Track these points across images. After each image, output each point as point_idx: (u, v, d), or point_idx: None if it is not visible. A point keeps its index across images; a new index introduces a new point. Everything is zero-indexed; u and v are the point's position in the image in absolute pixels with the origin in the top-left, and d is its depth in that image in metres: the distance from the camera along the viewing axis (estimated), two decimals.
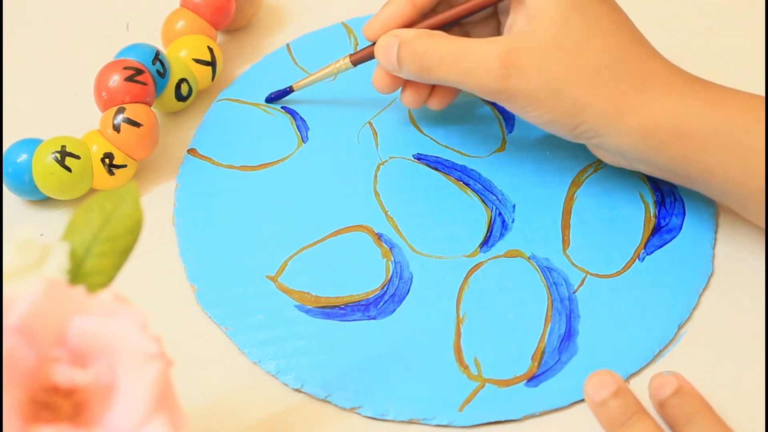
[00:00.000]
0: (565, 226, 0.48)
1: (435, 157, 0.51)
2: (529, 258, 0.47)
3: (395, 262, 0.47)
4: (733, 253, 0.47)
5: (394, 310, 0.45)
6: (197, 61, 0.52)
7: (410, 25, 0.47)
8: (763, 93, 0.44)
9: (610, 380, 0.41)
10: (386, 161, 0.51)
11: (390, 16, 0.47)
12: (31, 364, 0.28)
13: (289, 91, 0.53)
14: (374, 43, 0.47)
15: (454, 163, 0.51)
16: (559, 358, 0.43)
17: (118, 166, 0.48)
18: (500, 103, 0.45)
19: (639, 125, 0.42)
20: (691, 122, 0.42)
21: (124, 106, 0.48)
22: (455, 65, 0.44)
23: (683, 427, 0.40)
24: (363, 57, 0.49)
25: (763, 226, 0.45)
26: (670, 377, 0.41)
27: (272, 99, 0.53)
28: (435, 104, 0.49)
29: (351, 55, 0.49)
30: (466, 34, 0.50)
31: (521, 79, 0.43)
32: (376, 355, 0.43)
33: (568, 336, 0.44)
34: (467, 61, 0.43)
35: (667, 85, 0.43)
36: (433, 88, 0.49)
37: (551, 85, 0.42)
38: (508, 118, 0.53)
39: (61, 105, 0.54)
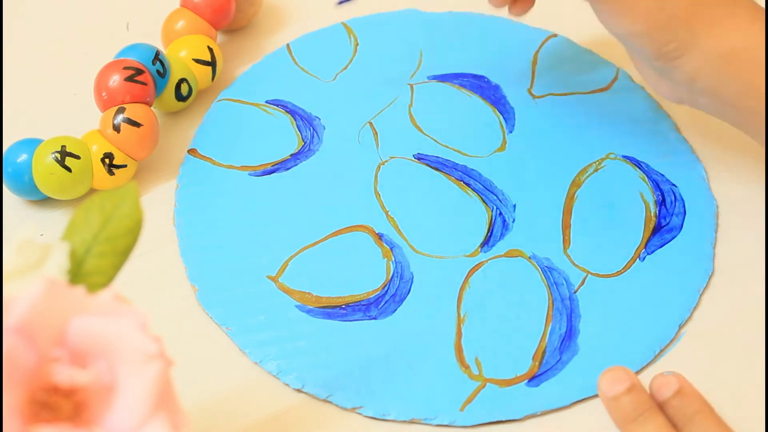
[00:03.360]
0: (566, 226, 0.48)
1: (435, 157, 0.51)
2: (529, 258, 0.47)
3: (396, 262, 0.47)
4: (734, 252, 0.47)
5: (395, 310, 0.45)
6: (197, 61, 0.52)
7: None
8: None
9: (624, 376, 0.41)
10: (387, 161, 0.51)
11: None
12: (31, 364, 0.28)
13: None
14: None
15: (454, 163, 0.51)
16: (560, 358, 0.43)
17: (118, 166, 0.48)
18: (599, 5, 0.44)
19: (724, 49, 0.42)
20: None
21: (124, 106, 0.48)
22: None
23: (684, 427, 0.40)
24: None
25: None
26: (671, 378, 0.41)
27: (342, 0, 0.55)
28: (517, 10, 0.50)
29: None
30: None
31: None
32: (377, 355, 0.43)
33: (569, 336, 0.44)
34: None
35: (753, 13, 0.43)
36: None
37: None
38: (508, 118, 0.53)
39: (61, 105, 0.54)
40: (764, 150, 0.47)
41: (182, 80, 0.51)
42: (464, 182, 0.50)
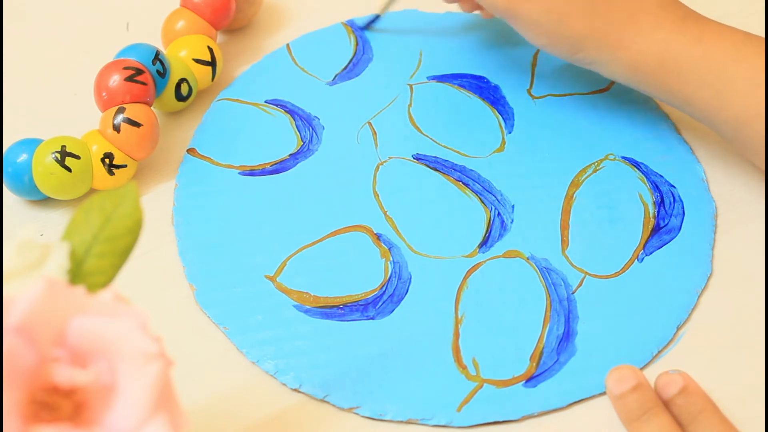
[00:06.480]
0: (564, 227, 0.48)
1: (434, 157, 0.51)
2: (527, 258, 0.47)
3: (394, 263, 0.47)
4: (732, 254, 0.47)
5: (393, 311, 0.45)
6: (197, 61, 0.52)
7: None
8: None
9: (630, 375, 0.41)
10: (385, 161, 0.51)
11: None
12: (31, 364, 0.28)
13: (377, 17, 0.57)
14: None
15: (453, 163, 0.51)
16: (558, 359, 0.43)
17: (118, 166, 0.48)
18: (507, 21, 0.48)
19: (629, 57, 0.46)
20: (674, 56, 0.46)
21: (124, 106, 0.48)
22: None
23: (689, 425, 0.40)
24: None
25: (740, 153, 0.49)
26: (676, 376, 0.41)
27: (365, 27, 0.57)
28: (465, 6, 0.54)
29: None
30: None
31: (527, 3, 0.46)
32: (374, 355, 0.44)
33: (567, 337, 0.44)
34: None
35: (656, 20, 0.46)
36: None
37: (553, 15, 0.46)
38: (507, 119, 0.53)
39: (61, 105, 0.54)
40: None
41: (182, 80, 0.51)
42: (463, 183, 0.50)
